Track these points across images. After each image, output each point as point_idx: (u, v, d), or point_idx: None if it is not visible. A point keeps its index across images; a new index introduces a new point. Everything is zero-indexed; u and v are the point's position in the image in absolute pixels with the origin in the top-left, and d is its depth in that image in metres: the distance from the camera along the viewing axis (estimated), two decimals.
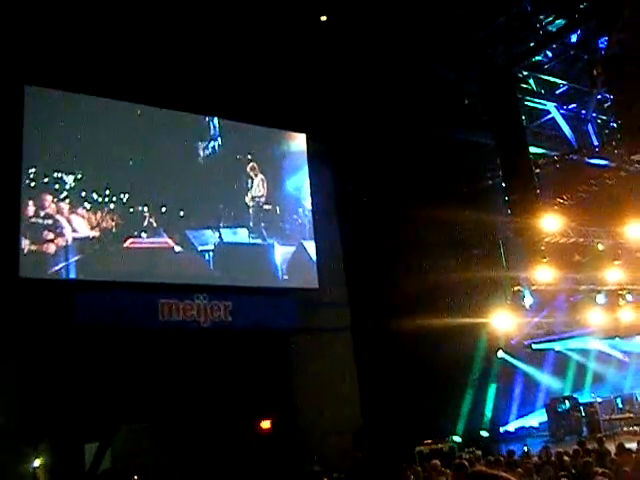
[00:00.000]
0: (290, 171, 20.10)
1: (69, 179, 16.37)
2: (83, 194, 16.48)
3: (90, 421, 14.99)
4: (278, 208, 19.73)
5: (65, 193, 16.27)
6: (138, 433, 16.65)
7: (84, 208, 16.45)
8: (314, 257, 19.60)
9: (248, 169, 19.39)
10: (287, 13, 16.18)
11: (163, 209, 17.72)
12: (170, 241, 17.66)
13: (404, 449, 16.86)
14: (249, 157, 19.53)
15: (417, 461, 16.06)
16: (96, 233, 16.51)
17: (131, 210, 17.29)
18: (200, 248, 18.22)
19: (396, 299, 19.02)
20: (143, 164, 17.75)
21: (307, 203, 20.00)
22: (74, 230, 16.19)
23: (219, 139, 19.16)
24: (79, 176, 16.48)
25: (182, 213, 18.05)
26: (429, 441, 18.10)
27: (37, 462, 14.25)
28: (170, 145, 18.24)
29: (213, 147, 19.08)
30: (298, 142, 20.47)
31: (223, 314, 17.23)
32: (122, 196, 17.16)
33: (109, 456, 15.97)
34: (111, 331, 15.20)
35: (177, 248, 17.69)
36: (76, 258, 15.93)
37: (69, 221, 16.18)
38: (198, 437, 16.11)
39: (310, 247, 19.73)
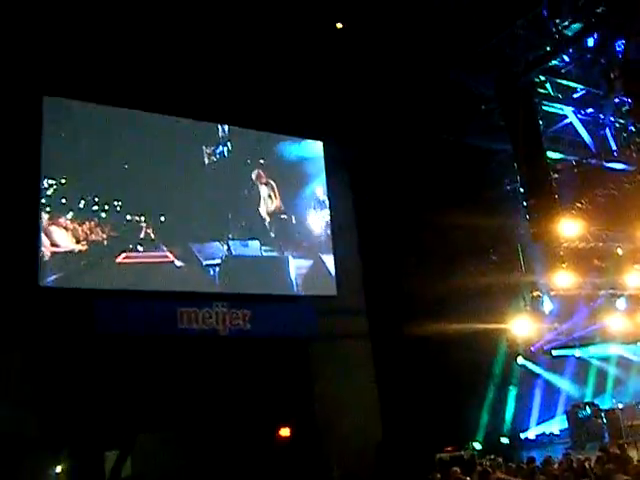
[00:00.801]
0: (307, 179, 20.05)
1: (46, 184, 15.55)
2: (64, 201, 15.63)
3: (110, 429, 15.05)
4: (294, 218, 19.46)
5: (43, 200, 15.44)
6: (158, 441, 16.69)
7: (66, 218, 15.61)
8: (332, 269, 19.44)
9: (261, 177, 19.18)
10: (303, 20, 16.19)
11: (162, 218, 16.93)
12: (170, 255, 16.84)
13: (424, 456, 16.80)
14: (262, 164, 19.23)
15: (437, 468, 16.00)
16: (82, 247, 15.71)
17: (126, 220, 16.37)
18: (205, 262, 17.45)
19: (414, 305, 19.00)
20: (140, 169, 17.03)
21: (325, 212, 19.94)
22: (53, 244, 15.40)
23: (228, 144, 18.74)
24: (62, 181, 15.70)
25: (185, 224, 17.31)
26: (450, 448, 18.02)
27: (58, 469, 14.32)
28: (173, 150, 17.83)
29: (221, 152, 18.61)
30: (315, 150, 20.40)
31: (242, 322, 17.18)
32: (115, 204, 16.25)
33: (129, 464, 16.01)
34: (131, 339, 15.25)
35: (178, 262, 16.90)
36: (55, 277, 15.22)
37: (47, 234, 15.37)
38: (218, 445, 16.13)
39: (328, 259, 19.54)
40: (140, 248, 16.51)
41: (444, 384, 18.78)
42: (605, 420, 21.28)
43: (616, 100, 19.06)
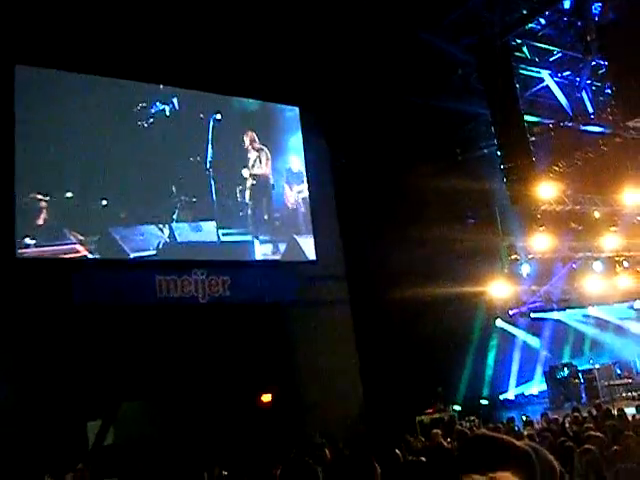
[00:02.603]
0: (283, 147, 19.92)
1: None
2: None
3: (92, 399, 15.06)
4: (268, 189, 19.06)
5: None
6: (140, 410, 16.73)
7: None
8: (310, 242, 19.35)
9: (246, 141, 18.83)
10: None
11: (68, 195, 14.94)
12: (80, 247, 15.16)
13: (406, 419, 16.97)
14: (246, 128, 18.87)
15: (418, 431, 16.18)
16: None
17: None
18: (133, 255, 15.92)
19: (393, 270, 19.06)
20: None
21: (302, 180, 19.83)
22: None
23: (174, 101, 17.66)
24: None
25: (103, 202, 15.39)
26: (430, 410, 18.23)
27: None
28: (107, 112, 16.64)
29: (168, 111, 17.44)
30: (291, 115, 20.25)
31: (222, 289, 17.14)
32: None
33: (111, 433, 16.05)
34: (110, 309, 15.20)
35: (92, 256, 15.38)
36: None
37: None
38: (200, 412, 16.18)
39: (306, 232, 19.43)
40: (30, 241, 14.61)
41: (424, 348, 18.91)
42: (583, 380, 21.60)
43: (592, 63, 19.07)
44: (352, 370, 19.27)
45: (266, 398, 17.65)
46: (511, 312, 21.86)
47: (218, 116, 18.03)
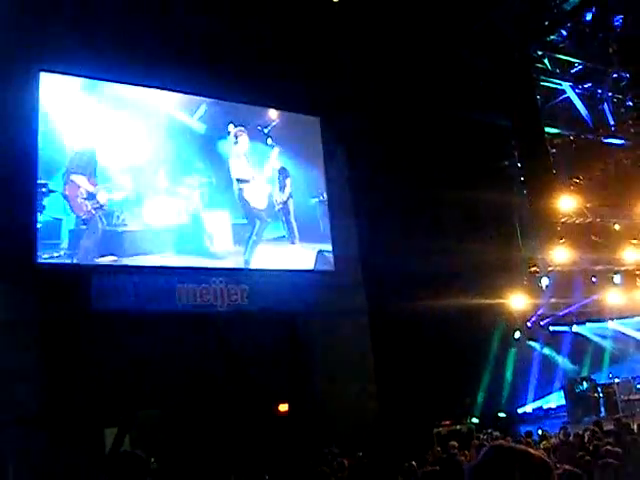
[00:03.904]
0: (304, 156, 19.99)
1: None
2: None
3: (109, 406, 15.12)
4: (292, 200, 19.32)
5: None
6: (157, 417, 16.77)
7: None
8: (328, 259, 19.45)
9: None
10: None
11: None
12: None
13: (422, 431, 16.91)
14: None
15: (436, 442, 16.11)
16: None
17: None
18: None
19: (412, 281, 19.01)
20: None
21: (322, 189, 19.87)
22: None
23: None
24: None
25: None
26: (447, 422, 18.14)
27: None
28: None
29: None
30: (312, 125, 20.30)
31: (240, 297, 17.21)
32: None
33: (128, 440, 16.09)
34: (128, 316, 15.28)
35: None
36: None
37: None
38: (216, 420, 16.19)
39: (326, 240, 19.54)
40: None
41: (442, 359, 18.83)
42: (602, 395, 21.41)
43: (614, 75, 19.03)
44: (369, 380, 19.23)
45: (283, 408, 17.63)
46: (530, 325, 21.75)
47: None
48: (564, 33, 18.34)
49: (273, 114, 19.56)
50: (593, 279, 21.66)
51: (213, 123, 18.34)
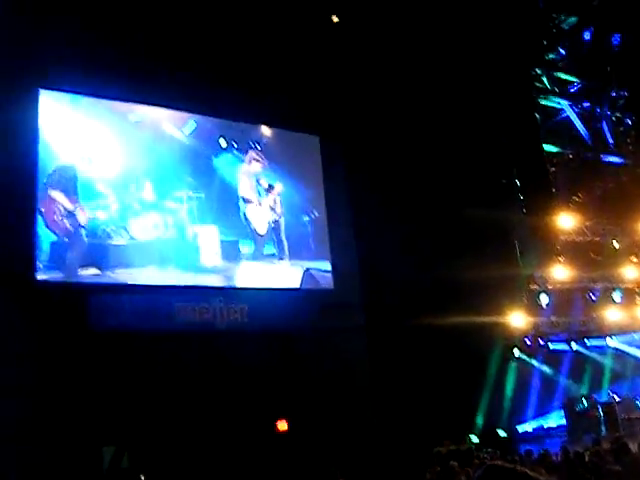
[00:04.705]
0: (302, 174, 19.96)
1: None
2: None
3: (108, 424, 15.05)
4: (286, 219, 19.28)
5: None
6: (155, 436, 16.70)
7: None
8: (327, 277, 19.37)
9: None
10: (298, 14, 16.17)
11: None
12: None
13: (421, 450, 16.82)
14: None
15: (435, 462, 16.02)
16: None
17: None
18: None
19: (411, 299, 18.99)
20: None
21: (321, 207, 19.84)
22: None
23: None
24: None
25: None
26: (447, 442, 18.05)
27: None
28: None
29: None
30: (311, 144, 20.28)
31: (239, 316, 17.15)
32: None
33: (127, 459, 16.00)
34: (128, 333, 15.23)
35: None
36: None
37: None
38: (215, 439, 16.12)
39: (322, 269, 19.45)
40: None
41: (440, 377, 18.78)
42: (602, 413, 21.33)
43: (612, 93, 19.10)
44: (368, 398, 19.16)
45: (282, 426, 17.56)
46: (529, 342, 21.68)
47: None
48: (563, 52, 18.43)
49: (266, 131, 19.52)
50: (592, 297, 21.66)
51: (204, 138, 18.30)
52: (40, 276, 14.94)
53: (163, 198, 17.18)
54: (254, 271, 18.25)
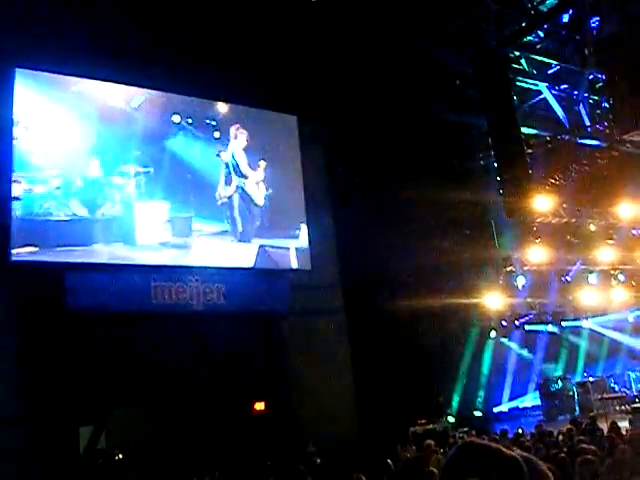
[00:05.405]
0: (281, 154, 19.84)
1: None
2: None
3: (84, 405, 15.01)
4: (268, 196, 18.89)
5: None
6: (132, 416, 16.70)
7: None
8: (305, 257, 19.09)
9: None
10: None
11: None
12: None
13: (399, 429, 16.95)
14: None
15: (411, 441, 16.16)
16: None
17: None
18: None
19: (389, 280, 19.07)
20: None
21: (299, 187, 19.71)
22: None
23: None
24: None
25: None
26: (423, 421, 18.20)
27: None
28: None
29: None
30: (289, 123, 20.13)
31: (216, 296, 17.03)
32: None
33: (104, 439, 16.00)
34: (105, 314, 15.14)
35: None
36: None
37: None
38: (192, 419, 16.14)
39: (302, 236, 19.22)
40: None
41: (418, 358, 18.91)
42: (576, 393, 21.60)
43: (590, 76, 19.15)
44: (346, 379, 19.25)
45: (259, 406, 17.59)
46: (505, 324, 21.87)
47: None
48: (541, 34, 18.42)
49: (223, 107, 18.98)
50: (568, 278, 21.85)
51: (154, 113, 17.66)
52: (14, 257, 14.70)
53: (109, 174, 16.42)
54: (207, 248, 17.65)
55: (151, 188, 17.03)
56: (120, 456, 15.43)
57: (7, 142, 15.02)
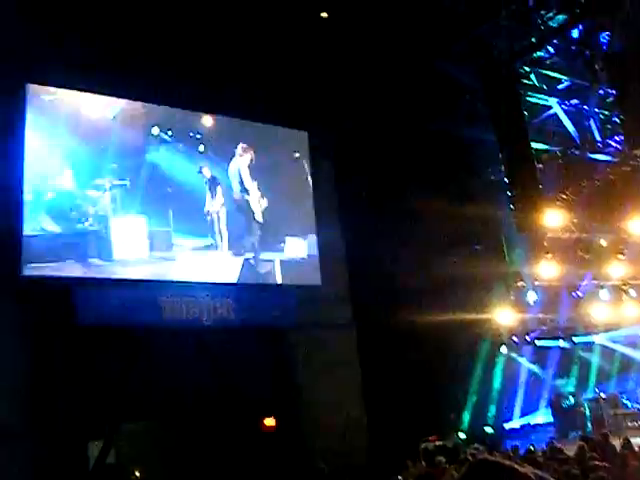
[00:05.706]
0: (290, 169, 19.85)
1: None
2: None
3: (94, 419, 15.00)
4: (277, 210, 18.90)
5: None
6: (142, 431, 16.67)
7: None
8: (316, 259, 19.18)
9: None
10: (288, 10, 16.10)
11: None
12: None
13: (409, 445, 16.84)
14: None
15: (422, 457, 16.05)
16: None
17: None
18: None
19: (400, 295, 19.01)
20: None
21: (309, 201, 19.72)
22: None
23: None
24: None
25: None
26: (434, 437, 18.09)
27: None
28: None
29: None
30: (300, 140, 20.15)
31: (225, 311, 17.02)
32: None
33: (113, 454, 15.97)
34: (115, 328, 15.15)
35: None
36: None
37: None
38: (201, 434, 16.11)
39: (311, 250, 19.29)
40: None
41: (428, 373, 18.82)
42: (588, 410, 21.44)
43: (600, 91, 19.12)
44: (356, 394, 19.18)
45: (269, 422, 17.54)
46: (516, 339, 21.74)
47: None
48: (551, 50, 18.41)
49: (207, 121, 18.76)
50: (579, 294, 21.71)
51: (132, 124, 17.31)
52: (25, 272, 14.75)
53: (83, 187, 16.06)
54: (192, 262, 17.48)
55: (128, 201, 16.66)
56: (137, 474, 15.39)
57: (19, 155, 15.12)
